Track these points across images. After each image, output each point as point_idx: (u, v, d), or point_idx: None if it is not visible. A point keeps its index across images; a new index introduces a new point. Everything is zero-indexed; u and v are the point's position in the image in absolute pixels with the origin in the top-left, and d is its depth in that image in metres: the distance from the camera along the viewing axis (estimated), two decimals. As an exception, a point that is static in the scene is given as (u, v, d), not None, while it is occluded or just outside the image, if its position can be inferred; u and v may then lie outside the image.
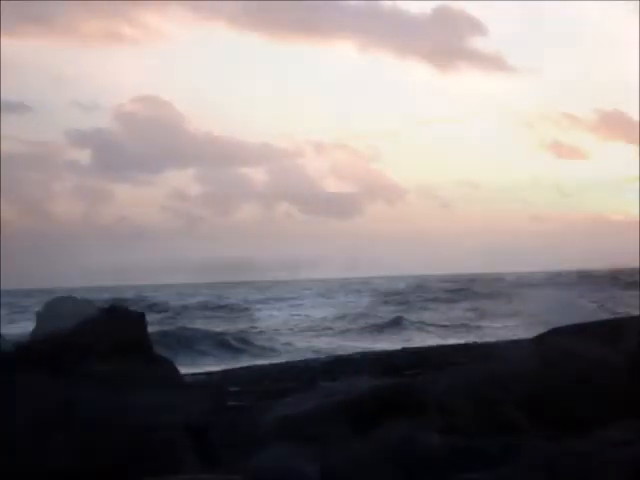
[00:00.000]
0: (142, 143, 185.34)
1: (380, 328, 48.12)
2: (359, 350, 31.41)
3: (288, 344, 38.33)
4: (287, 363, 26.19)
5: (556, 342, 11.60)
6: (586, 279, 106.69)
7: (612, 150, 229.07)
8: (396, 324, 49.95)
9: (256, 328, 46.43)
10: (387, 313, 60.19)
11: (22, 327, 37.60)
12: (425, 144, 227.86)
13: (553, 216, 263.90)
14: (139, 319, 9.18)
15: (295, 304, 76.09)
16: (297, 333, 45.77)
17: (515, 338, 29.91)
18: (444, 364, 19.17)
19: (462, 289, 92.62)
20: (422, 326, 48.56)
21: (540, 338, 13.48)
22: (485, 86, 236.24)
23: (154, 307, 67.72)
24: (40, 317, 10.94)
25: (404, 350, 28.14)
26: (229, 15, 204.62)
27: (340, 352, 31.05)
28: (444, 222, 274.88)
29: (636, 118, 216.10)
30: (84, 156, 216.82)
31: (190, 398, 10.54)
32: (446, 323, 50.41)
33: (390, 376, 14.79)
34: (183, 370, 10.51)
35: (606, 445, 8.35)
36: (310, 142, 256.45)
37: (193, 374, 23.18)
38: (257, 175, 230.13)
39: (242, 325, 48.68)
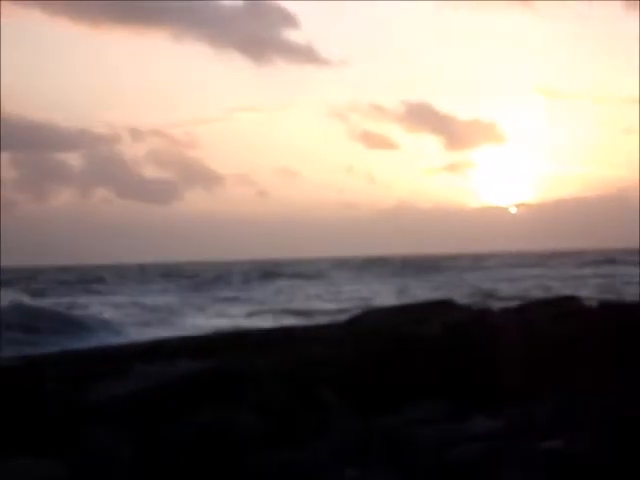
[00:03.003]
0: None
1: (196, 311, 48.23)
2: (176, 333, 31.43)
3: (104, 328, 37.95)
4: (103, 346, 25.97)
5: (368, 323, 12.02)
6: (390, 264, 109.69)
7: (418, 141, 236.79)
8: (211, 307, 50.18)
9: (71, 312, 45.69)
10: (201, 296, 60.38)
11: None
12: (241, 133, 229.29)
13: (364, 204, 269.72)
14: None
15: (110, 288, 75.35)
16: (112, 318, 45.33)
17: (330, 319, 30.52)
18: (261, 346, 19.46)
19: (272, 272, 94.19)
20: (237, 309, 48.96)
21: (354, 319, 13.94)
22: (298, 77, 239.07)
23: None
24: None
25: (221, 332, 28.32)
26: (43, 3, 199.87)
27: (156, 336, 31.00)
28: (260, 209, 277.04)
29: (441, 110, 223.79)
30: None
31: (5, 383, 10.45)
32: (261, 306, 50.97)
33: (207, 358, 14.93)
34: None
35: (412, 423, 8.76)
36: (127, 129, 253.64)
37: (7, 358, 22.71)
38: (73, 160, 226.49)
39: (56, 308, 47.81)
